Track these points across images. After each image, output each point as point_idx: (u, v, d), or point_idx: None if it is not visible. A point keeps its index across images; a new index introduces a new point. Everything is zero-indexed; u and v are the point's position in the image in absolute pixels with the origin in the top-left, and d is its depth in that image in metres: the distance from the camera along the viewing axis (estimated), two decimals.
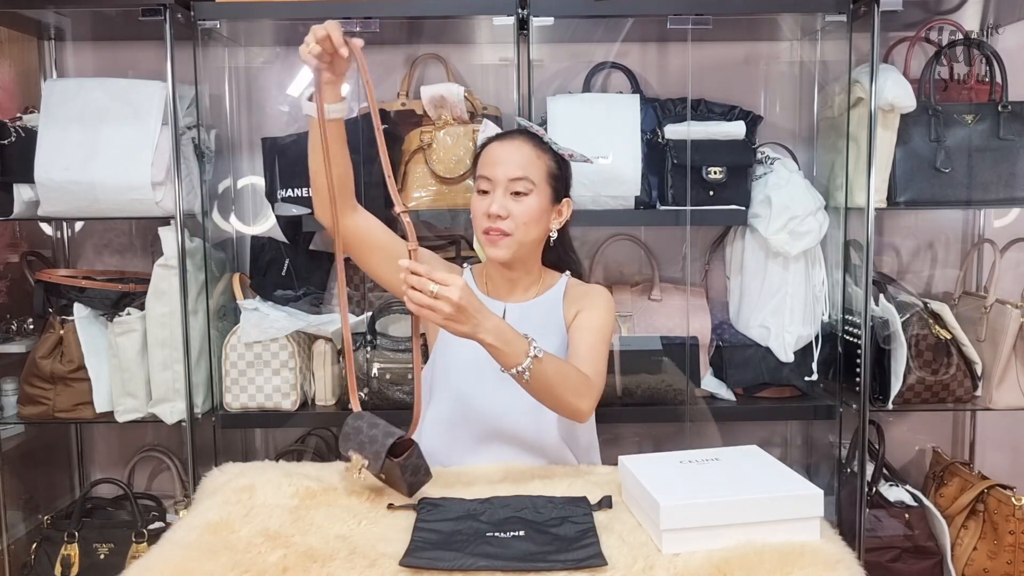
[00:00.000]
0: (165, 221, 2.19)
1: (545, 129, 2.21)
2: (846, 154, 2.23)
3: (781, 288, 2.27)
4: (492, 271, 1.72)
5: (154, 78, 2.17)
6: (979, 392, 2.26)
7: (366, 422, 1.37)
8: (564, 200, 1.69)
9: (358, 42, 1.41)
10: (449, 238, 2.39)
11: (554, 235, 1.69)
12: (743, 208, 2.25)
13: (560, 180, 1.67)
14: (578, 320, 1.65)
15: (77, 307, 2.26)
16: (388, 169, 1.38)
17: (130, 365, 2.21)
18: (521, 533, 1.21)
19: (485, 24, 2.26)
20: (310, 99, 1.49)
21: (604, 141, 2.17)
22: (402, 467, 1.33)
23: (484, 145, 1.69)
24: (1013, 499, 2.18)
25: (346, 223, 1.59)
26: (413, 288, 1.32)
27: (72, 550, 2.24)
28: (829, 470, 2.45)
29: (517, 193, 1.60)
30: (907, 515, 2.24)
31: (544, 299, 1.70)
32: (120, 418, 2.23)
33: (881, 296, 2.25)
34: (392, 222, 1.63)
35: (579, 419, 1.55)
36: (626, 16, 2.21)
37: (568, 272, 1.76)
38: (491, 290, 1.72)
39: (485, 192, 1.63)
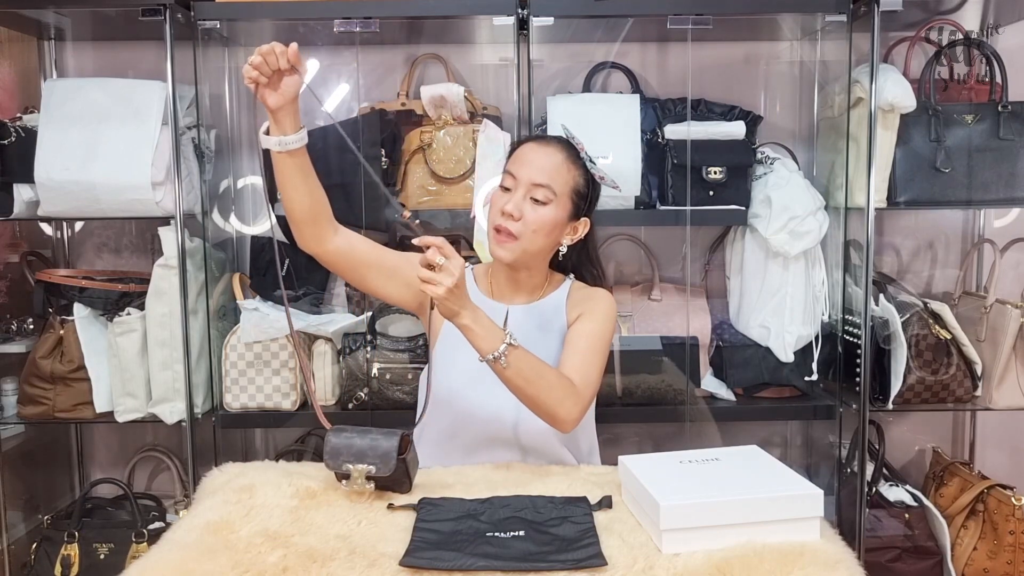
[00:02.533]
0: (165, 221, 2.19)
1: (545, 128, 2.22)
2: (846, 154, 2.23)
3: (781, 288, 2.27)
4: (497, 270, 1.71)
5: (154, 78, 2.17)
6: (979, 392, 2.26)
7: (353, 432, 1.36)
8: (582, 219, 1.67)
9: (293, 46, 1.41)
10: (449, 238, 2.39)
11: (563, 250, 1.67)
12: (743, 208, 2.25)
13: (583, 198, 1.65)
14: (576, 326, 1.63)
15: (77, 307, 2.26)
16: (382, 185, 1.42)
17: (130, 365, 2.21)
18: (521, 533, 1.21)
19: (485, 24, 2.26)
20: (267, 133, 1.48)
21: (604, 141, 2.16)
22: (408, 462, 1.35)
23: (521, 142, 1.68)
24: (1013, 499, 2.18)
25: (329, 248, 1.59)
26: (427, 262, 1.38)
27: (72, 550, 2.24)
28: (829, 470, 2.45)
29: (536, 200, 1.59)
30: (907, 515, 2.25)
31: (547, 302, 1.70)
32: (120, 418, 2.23)
33: (881, 296, 2.25)
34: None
35: (560, 427, 1.52)
36: (626, 16, 2.21)
37: (572, 275, 1.75)
38: (495, 291, 1.72)
39: (507, 189, 1.62)
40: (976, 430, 2.63)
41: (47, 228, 2.57)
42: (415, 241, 1.39)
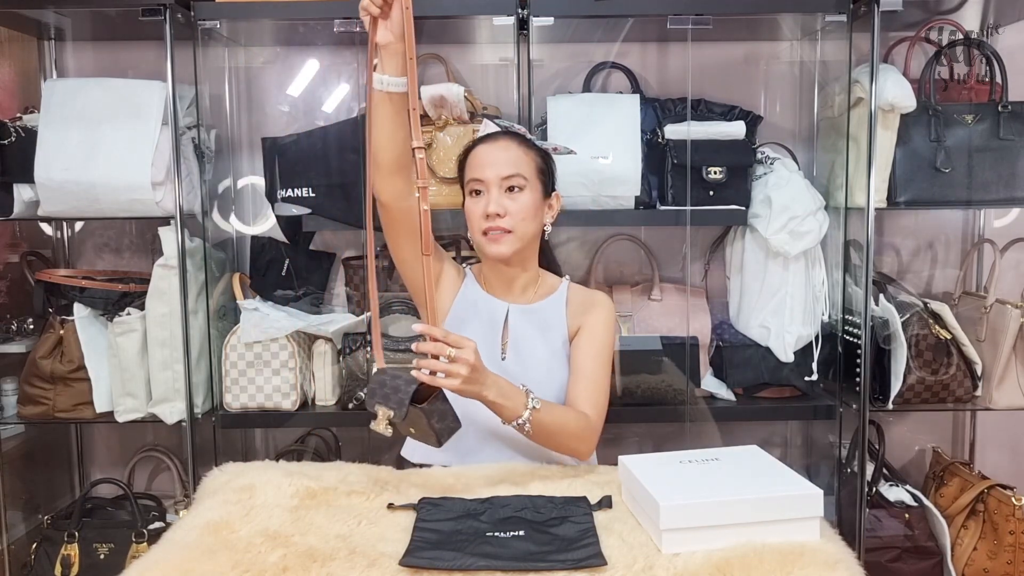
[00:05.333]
0: (165, 221, 2.19)
1: (545, 128, 2.22)
2: (846, 154, 2.23)
3: (781, 288, 2.27)
4: (489, 271, 1.72)
5: (154, 78, 2.17)
6: (979, 392, 2.26)
7: (388, 375, 1.36)
8: (553, 194, 1.71)
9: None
10: (449, 238, 2.39)
11: (548, 229, 1.71)
12: (743, 208, 2.25)
13: (548, 174, 1.70)
14: (580, 339, 1.67)
15: (77, 307, 2.26)
16: (414, 101, 1.39)
17: (130, 365, 2.21)
18: (521, 533, 1.21)
19: (485, 24, 2.26)
20: (376, 69, 1.51)
21: (604, 141, 2.17)
22: (427, 412, 1.32)
23: (468, 150, 1.69)
24: (1013, 499, 2.18)
25: (403, 205, 1.59)
26: (428, 354, 1.36)
27: (72, 550, 2.24)
28: (829, 470, 2.45)
29: (511, 190, 1.62)
30: (907, 515, 2.25)
31: (546, 304, 1.71)
32: (120, 418, 2.23)
33: (881, 296, 2.25)
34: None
35: (580, 459, 1.62)
36: (626, 16, 2.21)
37: (568, 277, 1.77)
38: (489, 290, 1.72)
39: (478, 193, 1.64)
40: (976, 430, 2.63)
41: (47, 228, 2.57)
42: (416, 327, 1.39)
